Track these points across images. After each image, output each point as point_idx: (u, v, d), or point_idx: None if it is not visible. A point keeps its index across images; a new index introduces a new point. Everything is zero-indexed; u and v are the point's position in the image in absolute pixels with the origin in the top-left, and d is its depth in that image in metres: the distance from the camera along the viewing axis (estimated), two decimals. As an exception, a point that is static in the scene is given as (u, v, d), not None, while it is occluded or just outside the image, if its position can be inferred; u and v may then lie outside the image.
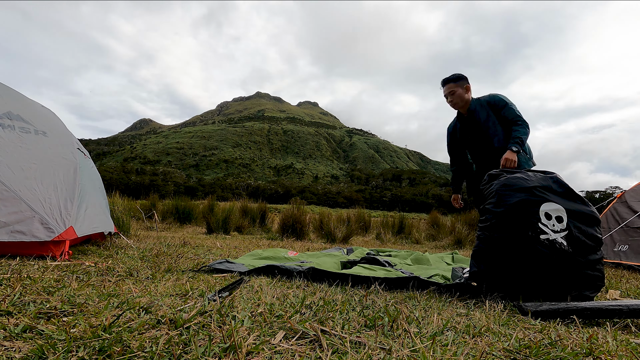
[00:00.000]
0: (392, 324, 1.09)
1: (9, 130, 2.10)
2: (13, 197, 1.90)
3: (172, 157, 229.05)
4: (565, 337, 1.12)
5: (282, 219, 6.16)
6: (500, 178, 1.86)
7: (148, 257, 2.31)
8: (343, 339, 0.92)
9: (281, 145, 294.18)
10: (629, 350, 1.02)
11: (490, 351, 0.94)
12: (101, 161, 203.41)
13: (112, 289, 1.35)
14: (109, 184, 12.38)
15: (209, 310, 1.09)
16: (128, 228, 4.32)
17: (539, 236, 1.63)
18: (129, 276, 1.68)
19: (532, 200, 1.71)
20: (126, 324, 0.93)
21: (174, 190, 53.88)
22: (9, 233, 1.85)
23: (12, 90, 2.45)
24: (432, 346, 0.90)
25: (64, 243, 2.01)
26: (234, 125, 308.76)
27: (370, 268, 2.18)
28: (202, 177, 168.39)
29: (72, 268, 1.73)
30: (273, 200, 56.40)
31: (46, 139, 2.31)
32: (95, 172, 3.11)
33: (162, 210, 7.64)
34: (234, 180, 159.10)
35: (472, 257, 1.82)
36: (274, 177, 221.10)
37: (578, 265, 1.63)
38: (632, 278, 2.78)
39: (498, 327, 1.18)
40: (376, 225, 7.76)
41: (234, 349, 0.81)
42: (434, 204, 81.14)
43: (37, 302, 1.09)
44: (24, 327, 0.89)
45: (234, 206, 7.19)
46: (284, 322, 1.03)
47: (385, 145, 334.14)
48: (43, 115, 2.52)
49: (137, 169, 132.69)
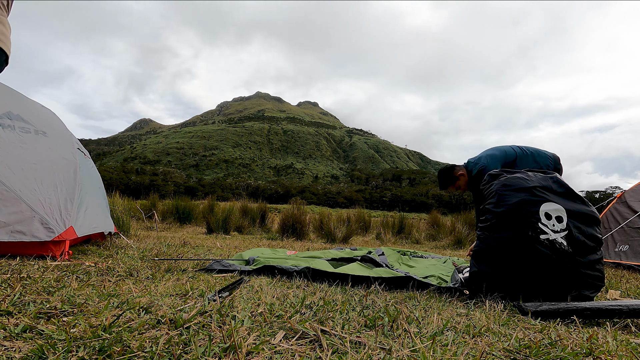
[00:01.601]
0: (392, 324, 1.09)
1: (9, 130, 2.10)
2: (13, 197, 1.90)
3: (172, 157, 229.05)
4: (565, 337, 1.12)
5: (282, 219, 6.16)
6: (500, 178, 1.86)
7: (148, 257, 2.31)
8: (343, 339, 0.92)
9: (281, 145, 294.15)
10: (629, 350, 1.02)
11: (490, 351, 0.93)
12: (101, 161, 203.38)
13: (112, 289, 1.35)
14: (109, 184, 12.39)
15: (209, 310, 1.09)
16: (128, 228, 4.32)
17: (539, 236, 1.63)
18: (129, 276, 1.68)
19: (532, 200, 1.71)
20: (126, 324, 0.93)
21: (174, 190, 53.88)
22: (9, 233, 1.85)
23: (12, 90, 2.45)
24: (432, 346, 0.90)
25: (64, 243, 2.01)
26: (234, 125, 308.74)
27: (367, 267, 2.18)
28: (202, 177, 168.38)
29: (72, 268, 1.73)
30: (273, 200, 56.41)
31: (46, 139, 2.31)
32: (95, 172, 3.11)
33: (162, 210, 7.64)
34: (234, 180, 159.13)
35: (472, 257, 1.82)
36: (274, 177, 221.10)
37: (578, 265, 1.63)
38: (632, 278, 2.78)
39: (498, 327, 1.18)
40: (376, 225, 7.76)
41: (234, 349, 0.81)
42: (434, 204, 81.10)
43: (37, 302, 1.09)
44: (24, 327, 0.89)
45: (234, 206, 7.19)
46: (284, 322, 1.03)
47: (385, 145, 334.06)
48: (43, 115, 2.52)
49: (137, 169, 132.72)
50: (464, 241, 6.17)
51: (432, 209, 8.65)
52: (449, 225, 7.36)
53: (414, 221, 8.19)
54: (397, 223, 7.39)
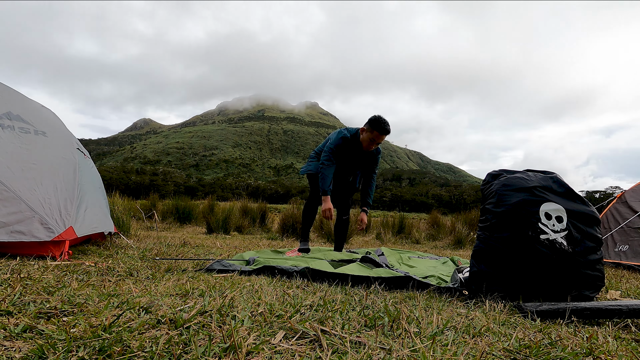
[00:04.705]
0: (392, 324, 1.09)
1: (9, 131, 2.10)
2: (13, 197, 1.90)
3: (172, 157, 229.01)
4: (565, 337, 1.12)
5: (282, 219, 6.15)
6: (500, 178, 1.86)
7: (148, 257, 2.31)
8: (343, 338, 0.92)
9: (281, 145, 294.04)
10: (629, 350, 1.02)
11: (490, 351, 0.93)
12: (101, 161, 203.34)
13: (112, 289, 1.35)
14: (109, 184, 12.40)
15: (209, 310, 1.09)
16: (128, 228, 4.32)
17: (539, 236, 1.63)
18: (129, 276, 1.68)
19: (532, 200, 1.71)
20: (126, 324, 0.93)
21: (174, 190, 53.87)
22: (8, 233, 1.85)
23: (12, 90, 2.45)
24: (432, 346, 0.90)
25: (63, 243, 2.01)
26: (234, 125, 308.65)
27: (367, 267, 2.18)
28: (202, 177, 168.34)
29: (72, 268, 1.73)
30: (273, 200, 56.39)
31: (46, 139, 2.31)
32: (95, 172, 3.11)
33: (162, 210, 7.64)
34: (234, 180, 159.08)
35: (472, 257, 1.82)
36: (274, 177, 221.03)
37: (578, 265, 1.63)
38: (632, 278, 2.78)
39: (498, 327, 1.18)
40: (376, 225, 7.76)
41: (234, 348, 0.81)
42: (434, 204, 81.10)
43: (37, 302, 1.09)
44: (24, 327, 0.89)
45: (234, 206, 7.19)
46: (284, 322, 1.03)
47: (385, 145, 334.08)
48: (43, 115, 2.52)
49: (137, 169, 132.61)
50: (464, 241, 6.17)
51: (432, 209, 8.65)
52: (449, 225, 7.36)
53: (414, 221, 8.18)
54: (397, 223, 7.39)
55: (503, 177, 1.86)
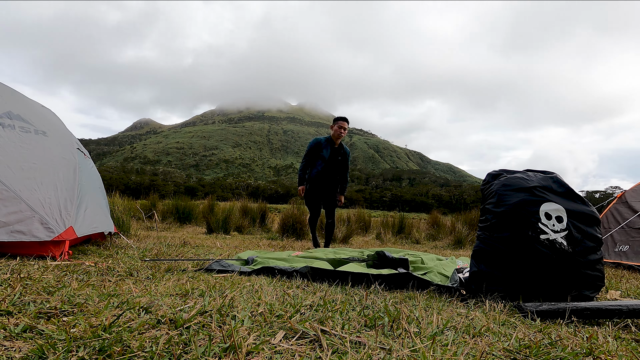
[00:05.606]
0: (392, 324, 1.09)
1: (9, 130, 2.10)
2: (13, 197, 1.90)
3: (172, 157, 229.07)
4: (565, 337, 1.12)
5: (282, 219, 6.16)
6: (501, 178, 1.86)
7: (147, 258, 2.31)
8: (343, 338, 0.92)
9: (281, 145, 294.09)
10: (629, 350, 1.02)
11: (490, 351, 0.93)
12: (101, 161, 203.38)
13: (112, 289, 1.35)
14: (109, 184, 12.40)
15: (209, 310, 1.09)
16: (128, 228, 4.32)
17: (539, 236, 1.63)
18: (129, 276, 1.68)
19: (532, 200, 1.71)
20: (126, 324, 0.93)
21: (174, 190, 53.85)
22: (9, 233, 1.85)
23: (12, 90, 2.45)
24: (432, 346, 0.90)
25: (63, 243, 2.01)
26: (234, 125, 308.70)
27: (363, 266, 2.18)
28: (202, 177, 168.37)
29: (72, 268, 1.73)
30: (273, 200, 56.35)
31: (46, 138, 2.31)
32: (95, 172, 3.11)
33: (162, 210, 7.64)
34: (234, 180, 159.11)
35: (472, 257, 1.82)
36: (274, 177, 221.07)
37: (578, 265, 1.63)
38: (632, 278, 2.78)
39: (498, 327, 1.18)
40: (376, 225, 7.76)
41: (234, 348, 0.81)
42: (434, 204, 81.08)
43: (37, 302, 1.09)
44: (24, 327, 0.89)
45: (234, 206, 7.19)
46: (284, 322, 1.03)
47: (385, 145, 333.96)
48: (43, 115, 2.52)
49: (137, 169, 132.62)
50: (464, 241, 6.17)
51: (432, 209, 8.65)
52: (449, 225, 7.36)
53: (414, 221, 8.18)
54: (397, 223, 7.39)
55: (503, 177, 1.86)
